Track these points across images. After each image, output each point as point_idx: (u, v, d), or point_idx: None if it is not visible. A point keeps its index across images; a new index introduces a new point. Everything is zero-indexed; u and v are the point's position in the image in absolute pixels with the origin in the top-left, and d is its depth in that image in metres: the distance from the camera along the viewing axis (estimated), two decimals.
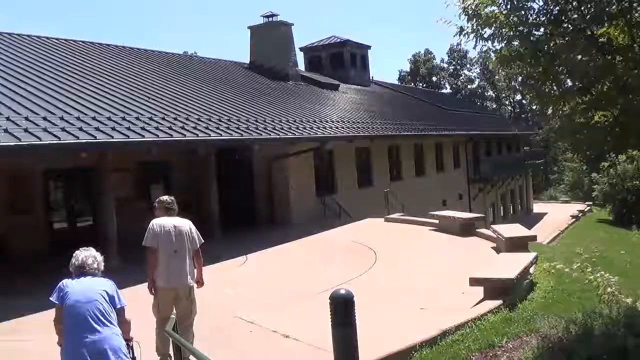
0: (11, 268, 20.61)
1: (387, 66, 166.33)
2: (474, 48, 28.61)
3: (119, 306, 7.58)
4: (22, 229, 22.48)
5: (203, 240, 10.94)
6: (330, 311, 8.00)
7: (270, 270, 19.04)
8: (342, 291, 8.07)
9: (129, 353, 7.69)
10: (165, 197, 10.98)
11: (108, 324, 7.24)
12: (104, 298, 7.41)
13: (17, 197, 22.91)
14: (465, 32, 10.53)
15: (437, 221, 24.69)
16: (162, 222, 10.51)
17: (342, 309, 7.95)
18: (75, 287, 7.46)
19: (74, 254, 7.91)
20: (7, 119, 17.35)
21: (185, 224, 10.68)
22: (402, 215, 29.10)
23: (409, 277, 16.35)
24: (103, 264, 7.98)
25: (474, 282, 13.19)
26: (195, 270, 10.68)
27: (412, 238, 22.91)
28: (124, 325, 7.65)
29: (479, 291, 13.15)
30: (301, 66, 49.37)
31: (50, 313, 12.34)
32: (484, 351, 10.12)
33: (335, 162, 33.17)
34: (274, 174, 28.95)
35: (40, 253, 22.56)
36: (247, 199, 29.78)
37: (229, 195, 28.30)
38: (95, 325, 7.13)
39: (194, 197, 25.28)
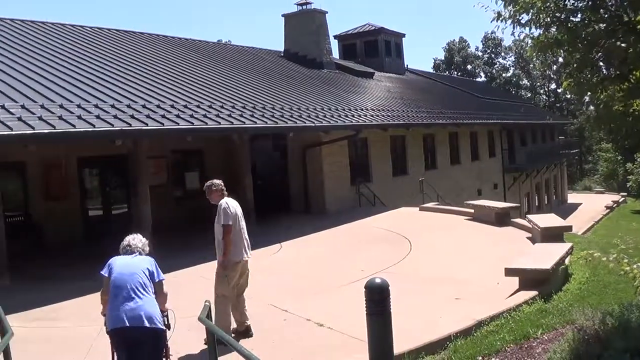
0: (47, 254, 20.82)
1: (421, 54, 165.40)
2: (512, 34, 28.50)
3: (157, 280, 8.47)
4: (57, 216, 22.66)
5: None
6: (365, 300, 8.20)
7: (304, 258, 19.00)
8: (378, 280, 8.29)
9: (165, 320, 8.59)
10: (218, 181, 11.68)
11: (146, 294, 8.13)
12: (144, 273, 8.32)
13: (53, 185, 23.05)
14: (502, 17, 10.43)
15: (472, 210, 24.50)
16: (230, 203, 11.32)
17: (377, 298, 8.13)
18: (120, 263, 8.40)
19: (124, 238, 8.81)
20: (42, 106, 17.45)
21: (238, 204, 11.58)
22: (437, 205, 28.91)
23: (444, 266, 16.25)
24: (148, 247, 8.90)
25: (509, 272, 13.09)
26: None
27: (447, 227, 22.68)
28: (162, 296, 8.55)
29: (514, 281, 13.04)
30: (335, 54, 49.28)
31: (84, 300, 13.51)
32: (519, 342, 10.03)
33: (370, 150, 32.91)
34: (308, 161, 28.76)
35: (75, 240, 22.79)
36: (281, 186, 29.79)
37: (264, 182, 28.31)
38: (134, 295, 8.02)
39: (228, 184, 24.95)
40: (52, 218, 22.62)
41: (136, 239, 8.84)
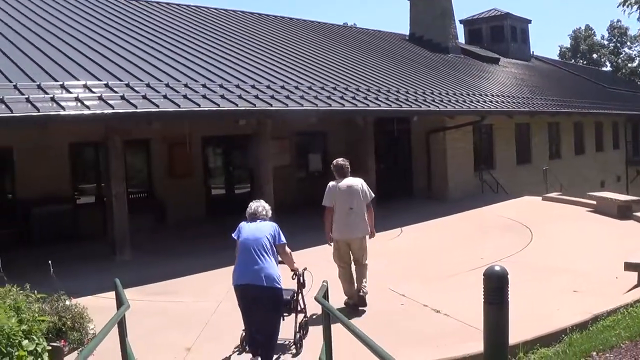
0: (168, 231, 21.33)
1: (547, 41, 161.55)
2: (638, 20, 28.24)
3: (279, 243, 9.45)
4: (180, 194, 22.83)
5: (374, 195, 12.32)
6: (484, 288, 8.05)
7: (424, 243, 18.75)
8: (497, 268, 8.11)
9: (300, 278, 10.14)
10: (336, 161, 12.24)
11: (267, 257, 9.10)
12: (267, 238, 9.26)
13: (177, 162, 23.15)
14: (628, 2, 9.77)
15: (594, 202, 23.46)
16: (337, 184, 11.88)
17: (496, 287, 7.98)
18: (247, 228, 9.41)
19: (249, 205, 9.77)
20: (167, 85, 17.63)
21: (358, 183, 11.98)
22: (559, 195, 27.95)
23: (564, 257, 15.60)
24: (270, 212, 9.80)
25: (629, 266, 12.59)
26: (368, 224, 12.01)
27: (569, 218, 21.88)
28: (286, 256, 9.72)
29: (633, 276, 12.53)
30: (461, 39, 48.19)
31: (203, 276, 14.82)
32: (635, 339, 9.47)
33: (494, 137, 32.05)
34: (432, 147, 28.17)
35: (197, 217, 22.92)
36: (403, 170, 29.32)
37: (386, 166, 27.83)
38: (257, 258, 9.02)
39: (350, 167, 24.56)
40: (175, 195, 22.75)
41: (260, 207, 9.71)
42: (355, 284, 11.98)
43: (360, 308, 11.77)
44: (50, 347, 8.34)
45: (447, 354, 9.20)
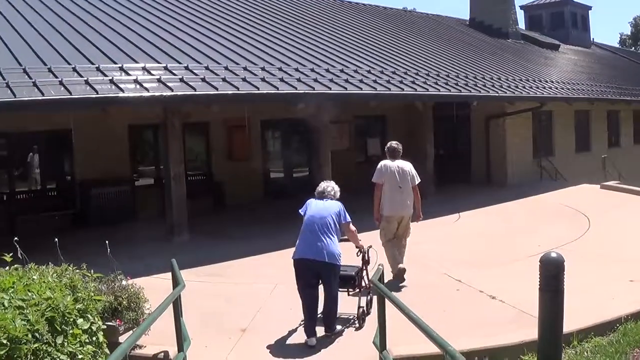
0: (226, 213, 21.33)
1: (607, 28, 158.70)
2: None
3: (344, 221, 9.88)
4: (239, 177, 22.77)
5: (420, 180, 12.74)
6: (539, 275, 7.91)
7: (481, 229, 18.40)
8: (553, 255, 7.95)
9: (365, 255, 10.65)
10: (389, 143, 12.83)
11: (330, 235, 9.47)
12: (332, 217, 9.65)
13: (236, 146, 23.10)
14: None
15: None
16: (387, 163, 12.46)
17: (551, 273, 7.84)
18: (314, 205, 9.86)
19: (319, 184, 10.27)
20: (226, 68, 17.53)
21: (407, 165, 12.56)
22: (618, 183, 27.37)
23: (621, 247, 15.26)
24: (339, 192, 10.26)
25: None
26: (415, 205, 12.61)
27: (627, 207, 21.27)
28: (351, 234, 10.19)
29: None
30: (521, 24, 47.43)
31: (259, 259, 14.72)
32: None
33: (553, 124, 31.30)
34: (491, 132, 27.67)
35: (255, 200, 22.85)
36: (462, 156, 28.90)
37: (445, 151, 27.64)
38: (320, 235, 9.39)
39: (410, 153, 24.24)
40: (234, 178, 22.67)
41: (329, 187, 10.15)
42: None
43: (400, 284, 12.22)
44: (105, 326, 8.28)
45: (502, 341, 9.11)
